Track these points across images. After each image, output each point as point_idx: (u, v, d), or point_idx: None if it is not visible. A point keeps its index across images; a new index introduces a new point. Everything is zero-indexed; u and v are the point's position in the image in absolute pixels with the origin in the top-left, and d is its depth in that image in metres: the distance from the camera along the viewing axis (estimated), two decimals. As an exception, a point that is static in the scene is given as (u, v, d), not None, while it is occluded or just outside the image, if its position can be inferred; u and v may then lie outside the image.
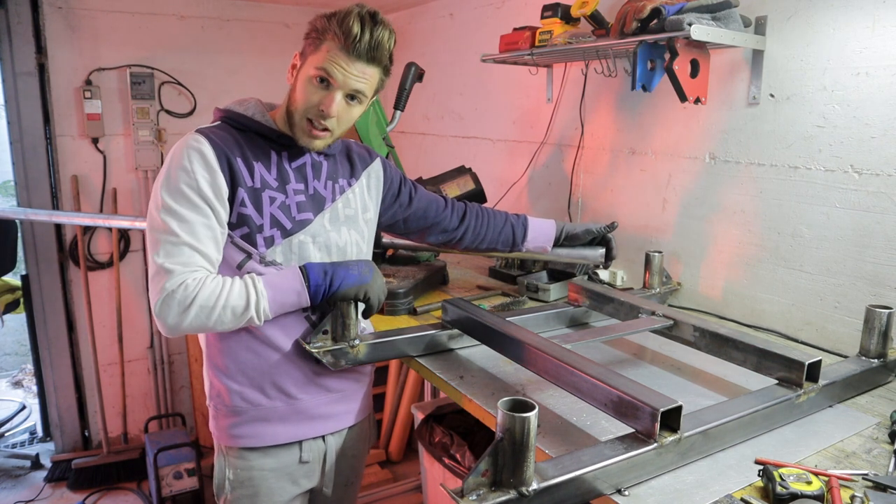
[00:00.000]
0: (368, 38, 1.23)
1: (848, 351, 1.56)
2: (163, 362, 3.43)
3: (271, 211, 1.29)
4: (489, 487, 0.85)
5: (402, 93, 2.17)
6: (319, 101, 1.26)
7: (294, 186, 1.34)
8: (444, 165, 2.44)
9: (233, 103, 1.36)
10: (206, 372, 1.39)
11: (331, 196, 1.39)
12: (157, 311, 1.20)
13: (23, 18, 2.87)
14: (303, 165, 1.37)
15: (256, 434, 1.36)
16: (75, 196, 3.06)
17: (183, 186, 1.22)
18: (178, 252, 1.20)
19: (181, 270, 1.19)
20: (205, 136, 1.26)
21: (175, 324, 1.20)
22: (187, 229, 1.21)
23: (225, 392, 1.35)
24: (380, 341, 1.42)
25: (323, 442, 1.44)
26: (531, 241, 1.73)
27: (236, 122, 1.33)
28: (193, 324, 1.20)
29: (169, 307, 1.18)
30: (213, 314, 1.20)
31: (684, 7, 1.58)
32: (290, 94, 1.32)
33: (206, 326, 1.22)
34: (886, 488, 0.98)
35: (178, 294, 1.18)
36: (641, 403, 1.00)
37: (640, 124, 2.11)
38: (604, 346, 1.59)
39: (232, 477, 1.38)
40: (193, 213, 1.22)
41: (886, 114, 1.47)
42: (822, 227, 1.62)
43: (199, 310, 1.19)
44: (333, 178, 1.41)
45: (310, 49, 1.27)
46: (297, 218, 1.33)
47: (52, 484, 3.13)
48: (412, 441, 3.32)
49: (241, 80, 3.36)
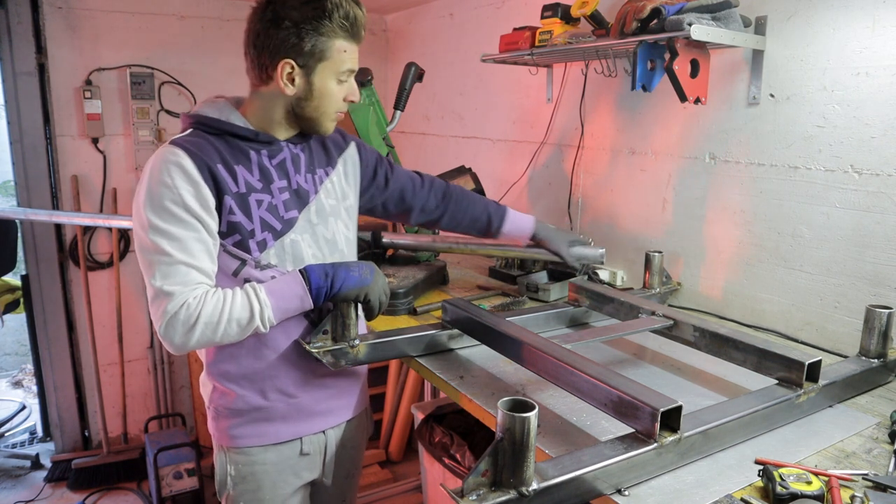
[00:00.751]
0: (363, 23, 1.29)
1: (848, 351, 1.56)
2: (163, 362, 3.43)
3: (260, 214, 1.28)
4: (489, 487, 0.85)
5: (402, 93, 2.17)
6: (345, 94, 1.31)
7: (278, 185, 1.32)
8: (444, 165, 2.45)
9: (202, 106, 1.32)
10: (206, 376, 1.38)
11: (313, 189, 1.38)
12: (162, 334, 1.19)
13: (23, 18, 2.87)
14: (283, 161, 1.34)
15: (258, 434, 1.36)
16: (75, 196, 3.06)
17: (168, 203, 1.18)
18: (175, 272, 1.18)
19: (181, 291, 1.18)
20: (181, 148, 1.21)
21: (182, 343, 1.19)
22: (179, 247, 1.18)
23: (226, 395, 1.35)
24: (380, 341, 1.42)
25: (323, 435, 1.45)
26: (507, 232, 1.76)
27: (210, 128, 1.29)
28: (200, 341, 1.19)
29: (174, 329, 1.17)
30: (218, 329, 1.19)
31: (684, 7, 1.58)
32: (297, 99, 1.28)
33: (213, 341, 1.21)
34: (886, 488, 0.98)
35: (182, 315, 1.17)
36: (641, 403, 1.00)
37: (640, 124, 2.11)
38: (604, 346, 1.59)
39: (234, 473, 1.38)
40: (183, 230, 1.19)
41: (886, 114, 1.47)
42: (822, 227, 1.62)
43: (204, 327, 1.18)
44: (312, 170, 1.39)
45: (316, 53, 1.23)
46: (286, 217, 1.32)
47: (52, 484, 3.13)
48: (412, 441, 3.32)
49: (241, 80, 3.30)
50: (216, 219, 1.24)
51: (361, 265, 1.33)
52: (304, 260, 1.34)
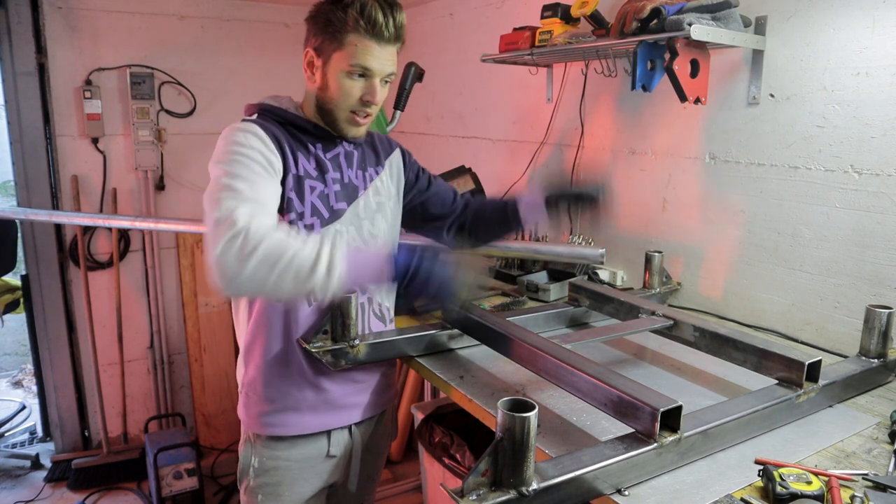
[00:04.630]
0: (393, 23, 1.25)
1: (848, 351, 1.56)
2: (163, 362, 3.42)
3: (312, 199, 1.31)
4: (489, 487, 0.85)
5: (402, 93, 2.17)
6: (362, 92, 1.29)
7: (332, 175, 1.36)
8: (444, 165, 2.44)
9: (266, 99, 1.38)
10: (242, 359, 1.41)
11: (363, 185, 1.42)
12: (216, 257, 1.04)
13: (23, 18, 2.87)
14: (337, 155, 1.39)
15: (286, 423, 1.38)
16: (75, 196, 3.06)
17: (244, 157, 1.19)
18: (241, 203, 1.10)
19: (247, 216, 1.07)
20: (254, 123, 1.27)
21: (234, 273, 1.04)
22: (250, 186, 1.14)
23: (259, 381, 1.37)
24: (380, 341, 1.42)
25: (349, 435, 1.46)
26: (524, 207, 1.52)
27: (274, 115, 1.34)
28: (255, 275, 1.04)
29: (227, 255, 1.04)
30: (275, 269, 1.04)
31: (684, 7, 1.58)
32: (318, 91, 1.32)
33: (265, 285, 1.06)
34: (886, 488, 0.98)
35: (239, 240, 1.04)
36: (641, 403, 1.00)
37: (640, 124, 2.11)
38: (604, 346, 1.59)
39: (257, 465, 1.39)
40: (254, 174, 1.18)
41: (886, 114, 1.47)
42: (822, 227, 1.62)
43: (261, 260, 1.04)
44: (363, 167, 1.43)
45: (329, 44, 1.26)
46: (335, 207, 1.35)
47: (52, 484, 3.12)
48: (412, 441, 3.32)
49: (241, 80, 3.36)
50: (279, 186, 1.25)
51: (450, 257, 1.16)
52: None
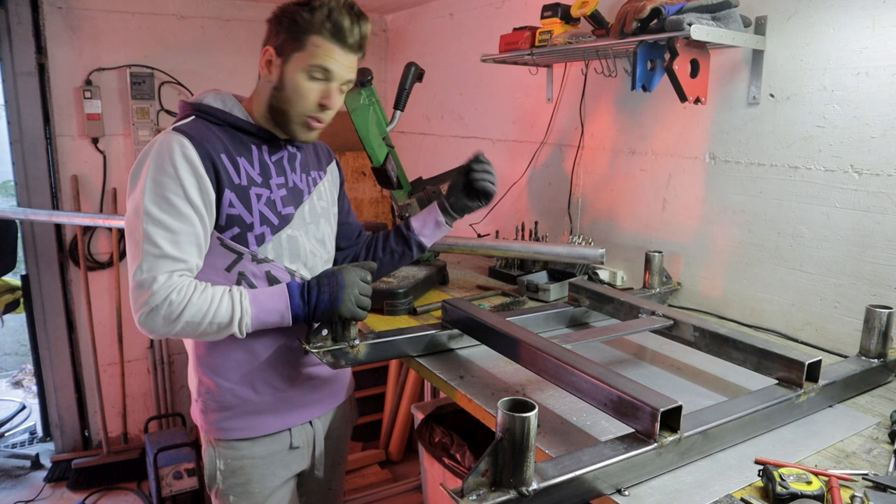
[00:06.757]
0: (358, 31, 1.25)
1: (848, 351, 1.56)
2: (163, 362, 3.42)
3: (259, 208, 1.29)
4: (489, 487, 0.85)
5: (402, 93, 2.17)
6: (319, 96, 1.27)
7: (276, 181, 1.33)
8: (444, 165, 2.44)
9: (204, 95, 1.33)
10: (194, 369, 1.38)
11: (307, 189, 1.40)
12: (140, 322, 1.19)
13: (23, 18, 2.87)
14: (281, 159, 1.36)
15: (246, 426, 1.37)
16: (75, 196, 3.06)
17: (170, 195, 1.18)
18: (161, 265, 1.18)
19: (164, 284, 1.17)
20: (186, 137, 1.21)
21: (162, 334, 1.21)
22: (172, 240, 1.18)
23: (215, 389, 1.35)
24: (380, 341, 1.42)
25: (311, 426, 1.46)
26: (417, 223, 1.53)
27: (213, 117, 1.30)
28: (180, 335, 1.22)
29: (154, 321, 1.18)
30: (199, 328, 1.20)
31: (684, 7, 1.58)
32: (274, 90, 1.28)
33: (192, 336, 1.25)
34: (886, 488, 0.98)
35: (163, 310, 1.17)
36: (641, 403, 1.00)
37: (640, 124, 2.11)
38: (604, 346, 1.59)
39: (223, 467, 1.38)
40: (179, 223, 1.19)
41: (886, 114, 1.47)
42: (822, 227, 1.62)
43: (185, 325, 1.19)
44: (307, 171, 1.42)
45: (292, 43, 1.24)
46: (283, 213, 1.33)
47: (52, 484, 3.13)
48: (412, 441, 3.32)
49: (242, 80, 3.34)
50: (213, 213, 1.24)
51: (331, 281, 1.27)
52: (300, 255, 1.35)
